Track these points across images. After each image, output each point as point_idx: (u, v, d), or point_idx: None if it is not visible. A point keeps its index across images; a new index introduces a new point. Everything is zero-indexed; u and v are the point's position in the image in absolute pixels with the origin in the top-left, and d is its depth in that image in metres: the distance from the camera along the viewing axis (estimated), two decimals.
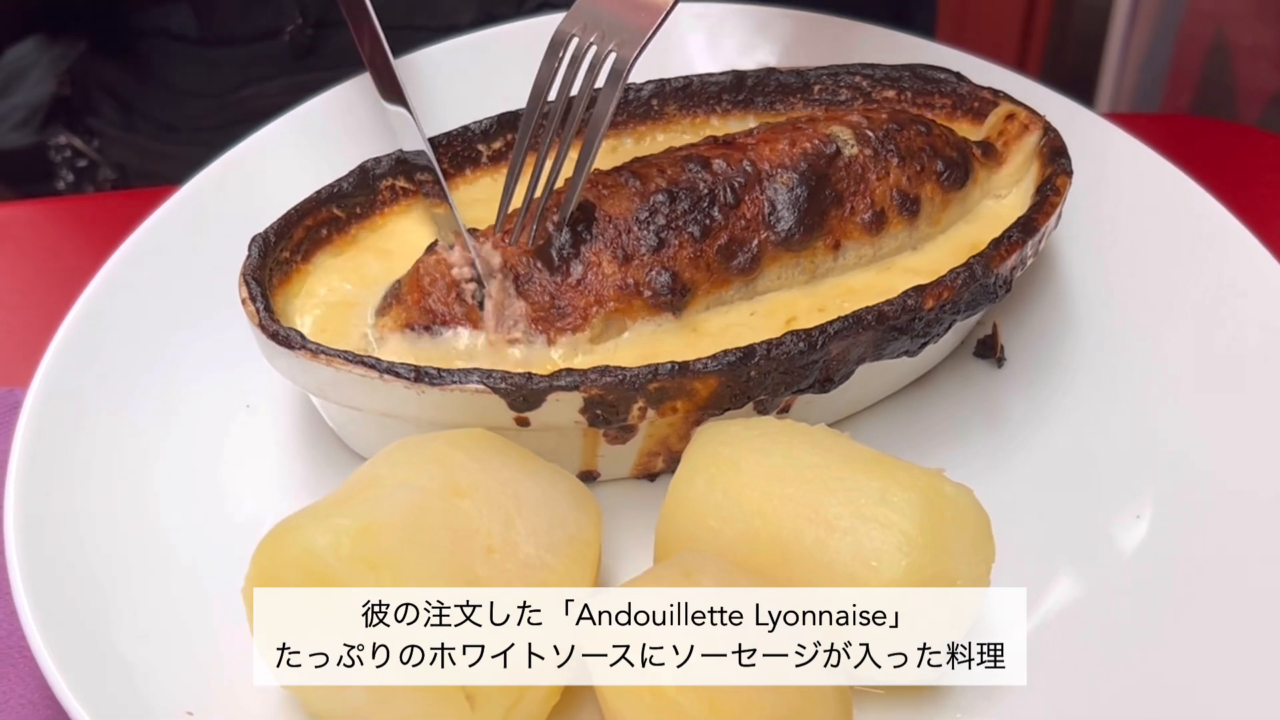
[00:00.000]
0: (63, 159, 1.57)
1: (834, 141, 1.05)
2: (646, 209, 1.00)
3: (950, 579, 0.82)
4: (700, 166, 1.03)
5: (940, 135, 1.09)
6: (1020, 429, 1.05)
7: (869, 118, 1.08)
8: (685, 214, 1.01)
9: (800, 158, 1.04)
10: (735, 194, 1.02)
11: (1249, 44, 2.59)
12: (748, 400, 0.95)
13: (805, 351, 0.93)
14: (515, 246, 1.00)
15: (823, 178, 1.04)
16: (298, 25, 1.48)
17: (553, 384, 0.91)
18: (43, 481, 0.94)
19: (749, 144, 1.05)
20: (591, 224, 1.00)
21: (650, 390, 0.92)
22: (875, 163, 1.06)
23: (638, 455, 1.00)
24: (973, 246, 1.06)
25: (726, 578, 0.81)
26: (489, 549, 0.82)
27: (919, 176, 1.07)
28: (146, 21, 1.52)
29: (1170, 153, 1.17)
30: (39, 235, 1.38)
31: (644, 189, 1.01)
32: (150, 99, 1.56)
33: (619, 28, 0.98)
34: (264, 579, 0.80)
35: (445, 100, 1.19)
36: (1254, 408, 1.01)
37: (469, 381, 0.91)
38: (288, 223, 1.04)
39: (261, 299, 0.96)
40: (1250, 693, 0.85)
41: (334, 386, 0.93)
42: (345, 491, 0.85)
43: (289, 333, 0.94)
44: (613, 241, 1.00)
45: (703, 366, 0.92)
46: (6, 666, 0.93)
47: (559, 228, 1.00)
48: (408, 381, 0.91)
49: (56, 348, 1.02)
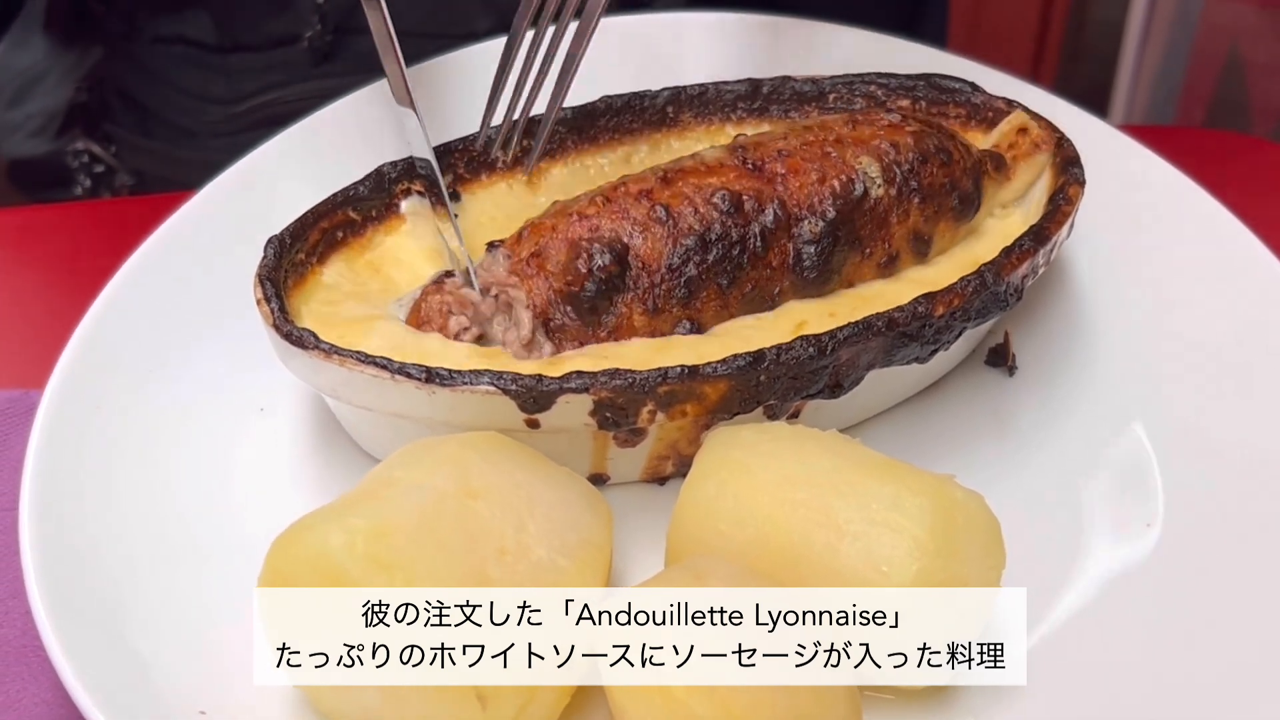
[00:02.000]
0: (80, 164, 1.58)
1: (862, 179, 1.04)
2: (678, 255, 1.00)
3: (961, 584, 0.82)
4: (732, 207, 1.01)
5: (960, 163, 1.08)
6: (1031, 437, 1.05)
7: (896, 144, 1.07)
8: (715, 264, 1.00)
9: (829, 198, 1.03)
10: (764, 242, 1.01)
11: (1263, 60, 2.59)
12: (757, 404, 0.95)
13: (815, 356, 0.94)
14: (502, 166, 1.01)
15: (847, 221, 1.03)
16: (316, 31, 1.48)
17: (563, 386, 0.91)
18: (57, 482, 0.95)
19: (778, 174, 1.03)
20: (624, 270, 0.99)
21: (660, 393, 0.92)
22: (898, 204, 1.05)
23: (647, 459, 1.00)
24: (975, 260, 1.06)
25: (737, 581, 0.81)
26: (501, 551, 0.83)
27: (935, 216, 1.07)
28: (165, 28, 1.53)
29: (1183, 165, 1.18)
30: (54, 240, 1.38)
31: (675, 230, 1.00)
32: (168, 105, 1.57)
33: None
34: (277, 579, 0.80)
35: (463, 108, 1.20)
36: (1264, 417, 1.01)
37: (480, 383, 0.91)
38: (303, 225, 1.04)
39: (276, 300, 0.97)
40: (1261, 699, 0.85)
41: (347, 387, 0.94)
42: (359, 492, 0.86)
43: (303, 333, 0.94)
44: (645, 293, 1.00)
45: (712, 370, 0.92)
46: (21, 666, 0.93)
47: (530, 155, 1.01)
48: (419, 382, 0.91)
49: (71, 351, 1.03)
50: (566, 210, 1.02)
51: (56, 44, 1.61)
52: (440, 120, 1.14)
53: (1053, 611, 0.92)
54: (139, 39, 1.55)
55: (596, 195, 1.03)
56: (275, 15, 1.49)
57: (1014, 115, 1.15)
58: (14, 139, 1.60)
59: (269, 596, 0.81)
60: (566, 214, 1.02)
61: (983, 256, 1.07)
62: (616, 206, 1.01)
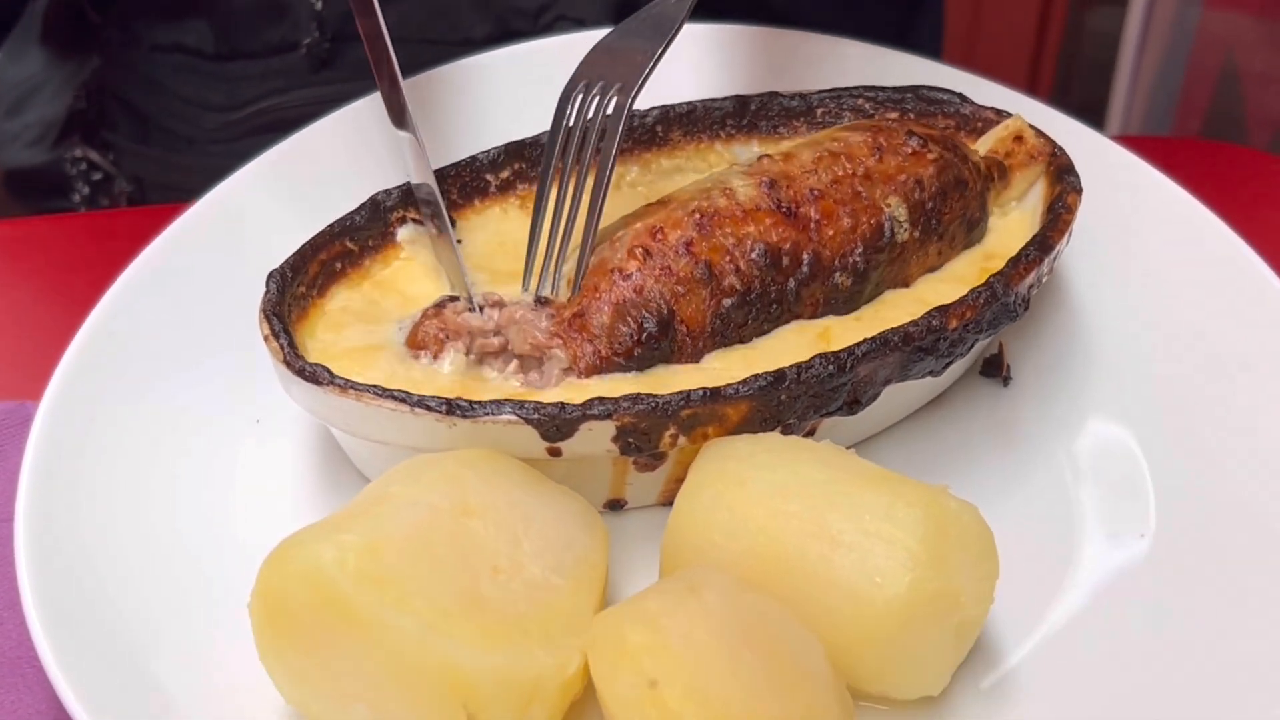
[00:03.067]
0: (78, 172, 1.58)
1: (890, 222, 1.05)
2: (720, 317, 1.00)
3: (954, 595, 0.82)
4: (771, 264, 1.01)
5: (973, 188, 1.10)
6: (1025, 446, 1.05)
7: (920, 180, 1.07)
8: (752, 320, 1.01)
9: (860, 243, 1.04)
10: (799, 295, 1.03)
11: (1259, 71, 2.59)
12: (777, 424, 0.95)
13: (835, 374, 0.94)
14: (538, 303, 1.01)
15: (872, 264, 1.05)
16: (315, 39, 1.49)
17: (585, 413, 0.90)
18: (53, 494, 0.95)
19: (812, 219, 1.03)
20: (670, 334, 0.99)
21: (682, 417, 0.91)
22: (920, 246, 1.07)
23: (665, 482, 1.00)
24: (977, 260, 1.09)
25: (731, 592, 0.81)
26: (495, 568, 0.83)
27: (949, 249, 1.09)
28: (163, 36, 1.53)
29: (1179, 176, 1.18)
30: (51, 251, 1.38)
31: (718, 289, 1.00)
32: (167, 112, 1.57)
33: (615, 75, 1.05)
34: (270, 594, 0.80)
35: (457, 122, 1.20)
36: (1257, 427, 1.01)
37: (501, 413, 0.90)
38: (303, 258, 1.03)
39: (285, 334, 0.96)
40: (1256, 708, 0.85)
41: (362, 421, 0.92)
42: (354, 508, 0.86)
43: (316, 369, 0.93)
44: (688, 355, 1.00)
45: (734, 392, 0.92)
46: (16, 678, 0.93)
47: (571, 285, 1.01)
48: (439, 414, 0.90)
49: (68, 363, 1.03)
50: (607, 265, 1.01)
51: (53, 55, 1.62)
52: (438, 136, 1.15)
53: (1046, 622, 0.92)
54: (137, 47, 1.55)
55: (635, 244, 1.01)
56: (273, 23, 1.49)
57: (1011, 121, 1.15)
58: (11, 149, 1.60)
59: (261, 611, 0.81)
60: (608, 270, 1.01)
61: (991, 249, 1.09)
62: (658, 262, 1.00)
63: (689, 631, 0.78)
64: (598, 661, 0.80)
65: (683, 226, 1.02)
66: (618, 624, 0.80)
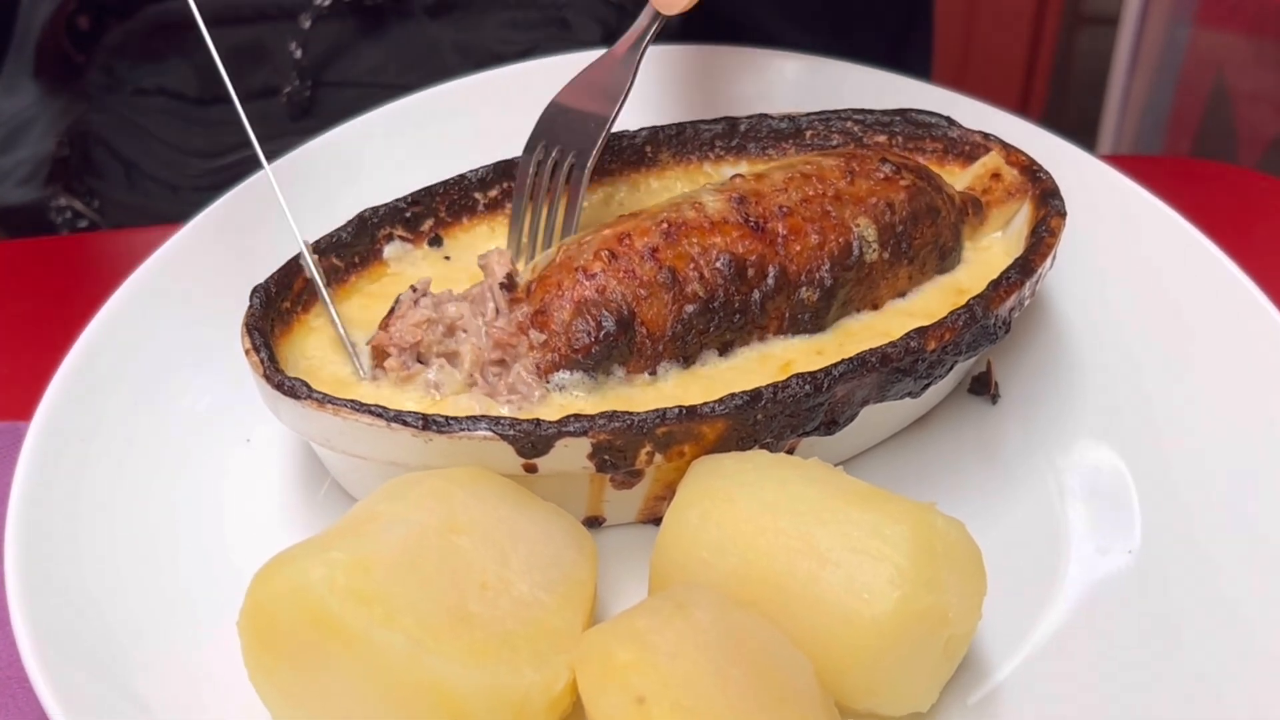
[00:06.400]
0: (63, 220, 1.58)
1: (859, 242, 1.05)
2: (682, 322, 1.00)
3: (942, 611, 0.82)
4: (735, 274, 1.01)
5: (945, 218, 1.09)
6: (1013, 464, 1.06)
7: (891, 203, 1.07)
8: (715, 328, 1.01)
9: (827, 262, 1.04)
10: (763, 308, 1.02)
11: (1249, 90, 2.60)
12: (754, 443, 0.95)
13: (811, 394, 0.94)
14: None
15: (840, 282, 1.04)
16: (295, 86, 1.50)
17: (561, 430, 0.90)
18: (43, 514, 0.95)
19: (779, 235, 1.03)
20: (629, 336, 0.99)
21: (658, 434, 0.92)
22: (889, 268, 1.07)
23: (643, 500, 1.00)
24: (956, 287, 1.08)
25: (719, 610, 0.81)
26: (483, 585, 0.83)
27: (920, 274, 1.09)
28: (145, 79, 1.54)
29: (1169, 195, 1.18)
30: (42, 273, 1.39)
31: (680, 295, 1.00)
32: (150, 157, 1.57)
33: (574, 137, 1.10)
34: (258, 612, 0.80)
35: (441, 146, 1.21)
36: (1245, 446, 1.01)
37: (477, 429, 0.90)
38: (288, 273, 1.04)
39: (265, 349, 0.96)
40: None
41: (339, 435, 0.93)
42: (342, 526, 0.86)
43: (294, 383, 0.93)
44: (647, 359, 1.00)
45: (710, 410, 0.92)
46: (6, 698, 0.94)
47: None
48: (415, 429, 0.90)
49: (59, 383, 1.03)
50: (572, 263, 1.01)
51: (46, 90, 1.62)
52: (429, 156, 1.15)
53: (1033, 637, 0.93)
54: (120, 90, 1.56)
55: (602, 248, 1.01)
56: (254, 68, 1.50)
57: (988, 158, 1.15)
58: (3, 187, 1.60)
59: (251, 629, 0.81)
60: (572, 268, 1.01)
61: (963, 283, 1.08)
62: (623, 265, 1.01)
63: (677, 649, 0.78)
64: (586, 678, 0.80)
65: (650, 234, 1.02)
66: (606, 641, 0.80)
